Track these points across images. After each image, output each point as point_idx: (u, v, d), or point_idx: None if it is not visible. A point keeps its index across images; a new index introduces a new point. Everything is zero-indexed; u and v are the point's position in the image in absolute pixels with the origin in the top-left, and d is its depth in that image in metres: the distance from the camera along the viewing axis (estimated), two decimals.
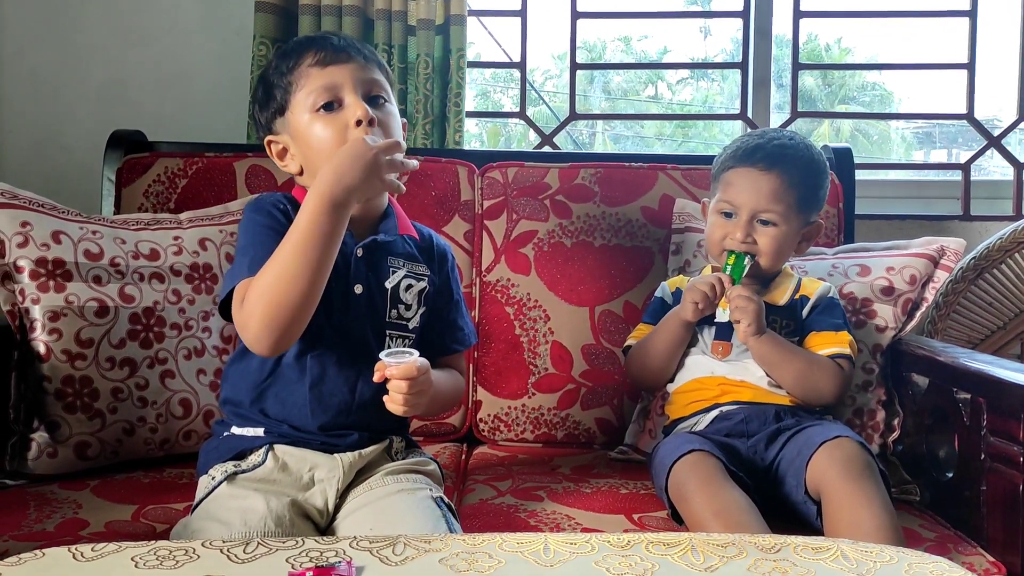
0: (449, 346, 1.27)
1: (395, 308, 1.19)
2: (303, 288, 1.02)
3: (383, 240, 1.19)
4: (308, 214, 1.03)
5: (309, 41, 1.18)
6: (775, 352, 1.30)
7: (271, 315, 1.02)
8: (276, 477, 1.11)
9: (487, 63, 2.50)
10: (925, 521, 1.28)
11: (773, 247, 1.35)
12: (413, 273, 1.21)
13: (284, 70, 1.16)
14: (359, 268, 1.16)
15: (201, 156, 1.71)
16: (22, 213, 1.37)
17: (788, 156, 1.36)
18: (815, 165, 1.39)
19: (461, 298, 1.31)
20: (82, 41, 2.09)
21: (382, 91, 1.17)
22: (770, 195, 1.34)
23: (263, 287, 1.03)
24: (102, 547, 0.80)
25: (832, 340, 1.34)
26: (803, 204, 1.36)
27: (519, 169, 1.72)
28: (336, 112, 1.13)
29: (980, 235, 2.05)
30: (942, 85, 3.12)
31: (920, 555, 0.85)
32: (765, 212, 1.34)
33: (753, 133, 1.44)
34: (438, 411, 1.29)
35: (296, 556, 0.80)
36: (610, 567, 0.80)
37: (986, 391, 1.24)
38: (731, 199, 1.36)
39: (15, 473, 1.32)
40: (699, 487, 1.15)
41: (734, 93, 2.91)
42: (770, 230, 1.34)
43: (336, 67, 1.14)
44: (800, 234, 1.39)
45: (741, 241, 1.34)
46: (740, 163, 1.37)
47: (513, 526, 1.19)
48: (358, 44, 1.18)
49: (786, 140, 1.39)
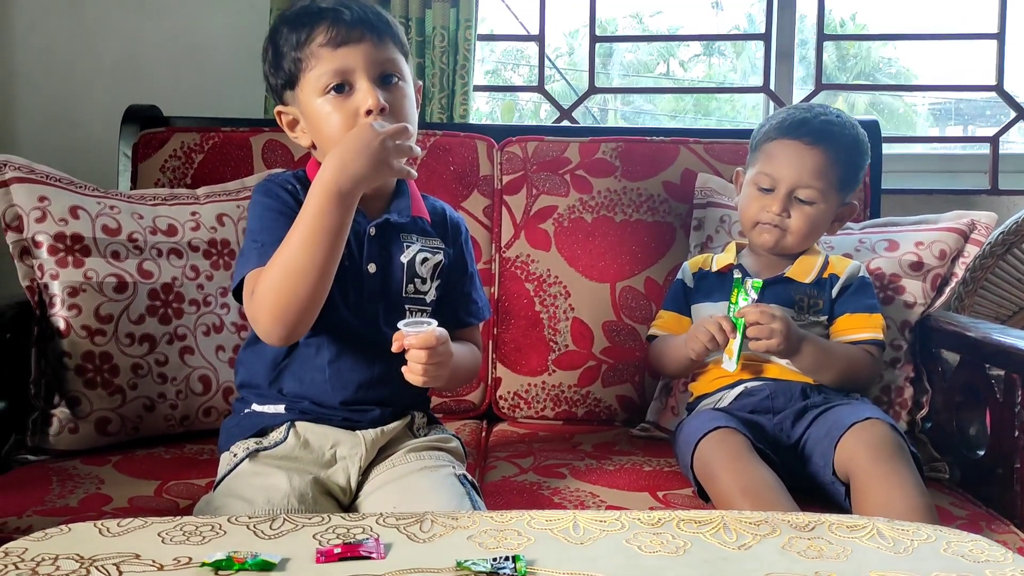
0: (464, 319, 1.26)
1: (411, 283, 1.17)
2: (312, 281, 1.00)
3: (396, 221, 1.17)
4: (314, 206, 1.01)
5: (320, 13, 1.11)
6: (816, 361, 1.27)
7: (281, 309, 1.01)
8: (298, 454, 1.10)
9: (505, 36, 2.47)
10: (955, 499, 1.26)
11: (807, 226, 1.32)
12: (428, 247, 1.20)
13: (295, 43, 1.11)
14: (372, 247, 1.15)
15: (217, 131, 1.69)
16: (40, 188, 1.36)
17: (834, 133, 1.33)
18: (860, 145, 1.36)
19: (475, 271, 1.29)
20: (95, 15, 2.07)
21: (396, 69, 1.12)
22: (813, 170, 1.31)
23: (271, 281, 1.02)
24: (128, 522, 0.80)
25: (866, 324, 1.32)
26: (843, 183, 1.34)
27: (539, 143, 1.69)
28: (347, 95, 1.09)
29: (1009, 209, 2.01)
30: (963, 60, 3.06)
31: (958, 533, 0.83)
32: (805, 188, 1.31)
33: (799, 106, 1.40)
34: (457, 385, 1.27)
35: (323, 533, 0.79)
36: (642, 545, 0.78)
37: (1020, 367, 1.21)
38: (772, 171, 1.33)
39: (37, 449, 1.32)
40: (726, 464, 1.13)
41: (747, 70, 2.86)
42: (806, 209, 1.32)
43: (348, 48, 1.09)
44: (835, 214, 1.36)
45: (776, 214, 1.31)
46: (785, 135, 1.33)
47: (537, 503, 1.18)
48: (372, 16, 1.11)
49: (833, 117, 1.35)
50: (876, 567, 0.75)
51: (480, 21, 1.97)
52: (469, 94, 1.94)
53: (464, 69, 1.93)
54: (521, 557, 0.74)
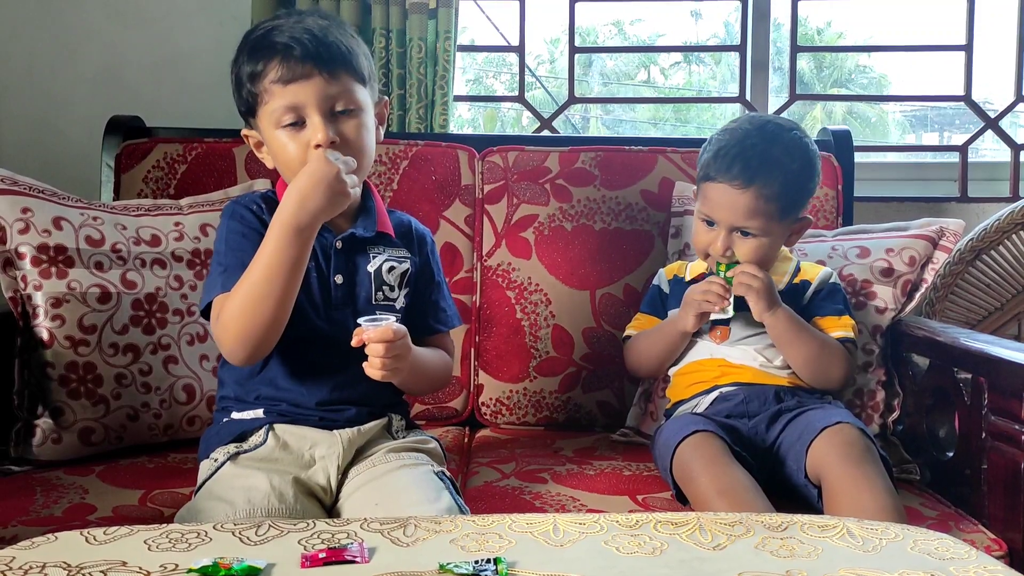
0: (432, 326, 1.29)
1: (380, 290, 1.21)
2: (272, 309, 1.06)
3: (361, 235, 1.21)
4: (274, 241, 1.06)
5: (272, 48, 1.12)
6: (791, 329, 1.29)
7: (244, 334, 1.08)
8: (278, 456, 1.12)
9: (484, 47, 2.49)
10: (926, 500, 1.29)
11: (755, 255, 1.31)
12: (394, 257, 1.23)
13: (249, 75, 1.14)
14: (338, 260, 1.19)
15: (200, 141, 1.70)
16: (23, 199, 1.36)
17: (768, 168, 1.27)
18: (802, 174, 1.31)
19: (443, 280, 1.33)
20: (77, 25, 2.07)
21: (349, 102, 1.14)
22: (747, 212, 1.28)
23: (235, 309, 1.08)
24: (114, 531, 0.81)
25: (836, 324, 1.35)
26: (785, 212, 1.31)
27: (519, 153, 1.71)
28: (300, 128, 1.13)
29: (978, 216, 2.06)
30: (935, 68, 3.12)
31: (925, 532, 0.86)
32: (744, 227, 1.30)
33: (736, 129, 1.33)
34: (426, 388, 1.29)
35: (308, 538, 0.80)
36: (620, 546, 0.81)
37: (987, 370, 1.25)
38: (709, 212, 1.32)
39: (20, 459, 1.32)
40: (704, 466, 1.15)
41: (727, 78, 2.91)
42: (751, 241, 1.30)
43: (299, 84, 1.11)
44: (788, 231, 1.35)
45: (721, 254, 1.31)
46: (717, 176, 1.30)
47: (519, 508, 1.20)
48: (323, 49, 1.12)
49: (769, 143, 1.29)
50: (845, 565, 0.78)
51: (462, 31, 1.99)
52: (449, 104, 1.96)
53: (443, 80, 1.95)
54: (502, 559, 0.76)
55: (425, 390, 1.36)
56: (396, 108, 1.95)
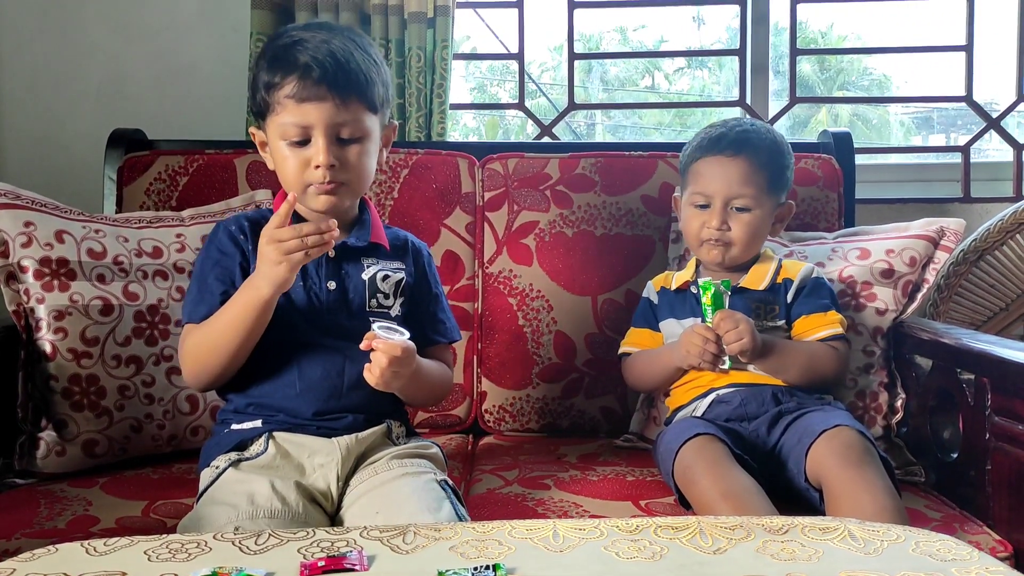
0: (431, 338, 1.29)
1: (374, 298, 1.22)
2: (228, 357, 1.13)
3: (354, 245, 1.22)
4: (241, 305, 1.12)
5: (294, 64, 1.13)
6: (778, 361, 1.31)
7: (198, 372, 1.17)
8: (278, 463, 1.13)
9: (484, 55, 2.50)
10: (931, 501, 1.28)
11: (748, 234, 1.36)
12: (389, 268, 1.25)
13: (267, 83, 1.16)
14: (331, 267, 1.21)
15: (201, 153, 1.71)
16: (25, 213, 1.37)
17: (752, 140, 1.38)
18: (779, 147, 1.41)
19: (441, 293, 1.34)
20: (81, 38, 2.09)
21: (356, 131, 1.16)
22: (741, 178, 1.35)
23: (193, 348, 1.16)
24: (114, 542, 0.81)
25: (822, 322, 1.35)
26: (773, 185, 1.38)
27: (519, 160, 1.72)
28: (305, 147, 1.16)
29: (981, 217, 2.05)
30: (938, 70, 3.12)
31: (927, 533, 0.85)
32: (738, 197, 1.36)
33: (714, 124, 1.45)
34: (426, 399, 1.29)
35: (308, 547, 0.81)
36: (619, 551, 0.80)
37: (990, 371, 1.24)
38: (703, 189, 1.38)
39: (24, 472, 1.33)
40: (706, 470, 1.15)
41: (730, 82, 2.91)
42: (744, 216, 1.36)
43: (311, 105, 1.13)
44: (773, 215, 1.41)
45: (717, 228, 1.36)
46: (707, 152, 1.39)
47: (521, 514, 1.19)
48: (342, 75, 1.13)
49: (747, 126, 1.41)
50: (847, 568, 0.77)
51: (464, 39, 2.00)
52: (446, 113, 1.97)
53: (441, 88, 1.96)
54: (501, 566, 0.76)
55: (424, 402, 1.37)
56: (396, 117, 1.95)
